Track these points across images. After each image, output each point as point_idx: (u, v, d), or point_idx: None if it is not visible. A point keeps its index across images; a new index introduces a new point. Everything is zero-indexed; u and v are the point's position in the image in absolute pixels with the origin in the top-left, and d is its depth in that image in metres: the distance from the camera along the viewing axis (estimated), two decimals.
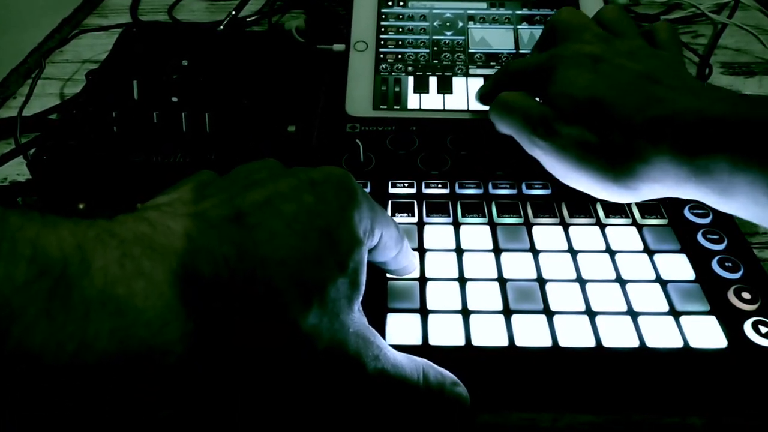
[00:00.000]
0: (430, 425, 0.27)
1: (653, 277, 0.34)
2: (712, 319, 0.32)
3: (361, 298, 0.25)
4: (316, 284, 0.22)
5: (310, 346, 0.22)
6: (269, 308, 0.21)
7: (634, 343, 0.31)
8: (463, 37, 0.52)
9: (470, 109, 0.47)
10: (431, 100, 0.48)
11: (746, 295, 0.33)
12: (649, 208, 0.38)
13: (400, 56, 0.51)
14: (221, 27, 0.61)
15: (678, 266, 0.35)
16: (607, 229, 0.37)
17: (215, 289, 0.20)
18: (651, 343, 0.31)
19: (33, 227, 0.17)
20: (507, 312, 0.32)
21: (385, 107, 0.47)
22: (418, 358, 0.27)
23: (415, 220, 0.38)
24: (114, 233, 0.19)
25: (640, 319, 0.32)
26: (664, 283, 0.34)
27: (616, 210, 0.38)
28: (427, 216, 0.38)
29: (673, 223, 0.37)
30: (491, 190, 0.40)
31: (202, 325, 0.19)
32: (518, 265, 0.35)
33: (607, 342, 0.31)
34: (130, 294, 0.18)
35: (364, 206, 0.25)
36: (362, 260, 0.25)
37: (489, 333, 0.31)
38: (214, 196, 0.23)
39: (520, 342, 0.31)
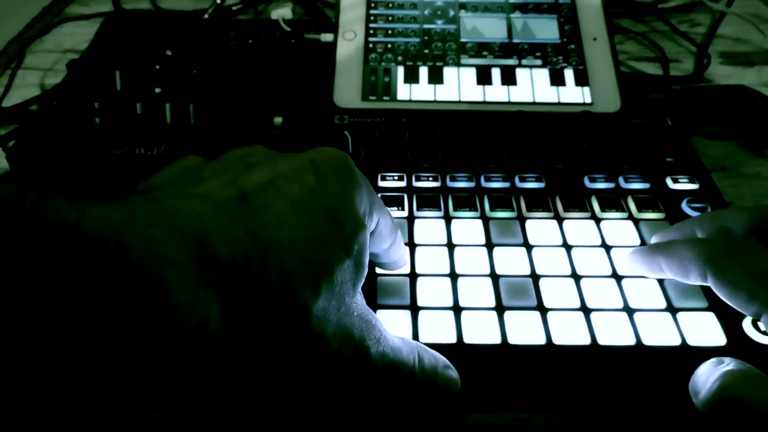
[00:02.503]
0: (423, 409, 0.27)
1: None
2: (710, 316, 0.31)
3: (363, 282, 0.24)
4: (324, 267, 0.22)
5: (319, 330, 0.22)
6: (281, 292, 0.20)
7: (631, 341, 0.30)
8: (454, 26, 0.51)
9: (462, 100, 0.46)
10: (422, 91, 0.47)
11: None
12: (645, 202, 0.37)
13: (389, 46, 0.50)
14: (206, 15, 0.60)
15: None
16: (603, 224, 0.36)
17: (232, 271, 0.19)
18: (648, 340, 0.30)
19: (72, 211, 0.17)
20: (500, 308, 0.31)
21: (375, 98, 0.46)
22: (412, 341, 0.27)
23: (405, 214, 0.37)
24: (136, 215, 0.18)
25: (637, 315, 0.31)
26: (661, 279, 0.33)
27: (611, 204, 0.37)
28: (418, 210, 0.37)
29: (671, 218, 0.37)
30: (483, 184, 0.39)
31: (223, 310, 0.19)
32: (511, 261, 0.34)
33: (603, 339, 0.30)
34: (162, 278, 0.17)
35: (363, 188, 0.25)
36: (366, 242, 0.24)
37: (481, 330, 0.30)
38: (213, 178, 0.22)
39: (513, 339, 0.30)
